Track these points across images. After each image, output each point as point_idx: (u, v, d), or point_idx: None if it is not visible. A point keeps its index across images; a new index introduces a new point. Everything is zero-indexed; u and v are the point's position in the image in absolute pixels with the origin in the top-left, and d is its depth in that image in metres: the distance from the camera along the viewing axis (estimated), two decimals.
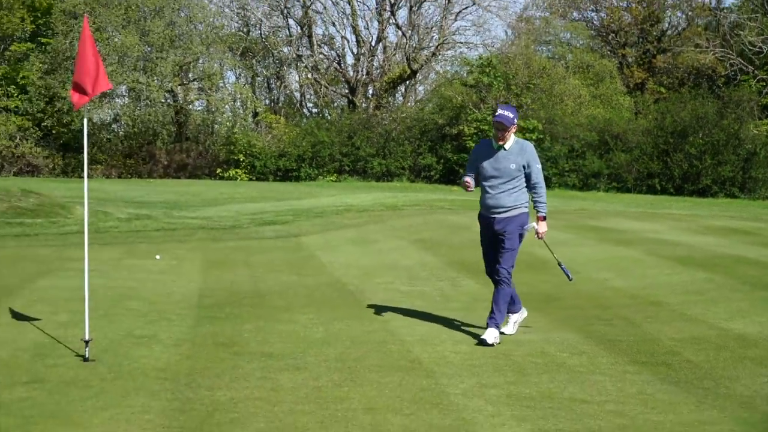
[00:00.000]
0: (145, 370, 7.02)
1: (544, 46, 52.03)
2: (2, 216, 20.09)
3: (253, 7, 52.68)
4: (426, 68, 52.31)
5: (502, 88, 40.68)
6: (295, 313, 9.52)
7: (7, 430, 5.55)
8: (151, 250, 14.68)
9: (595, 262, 13.54)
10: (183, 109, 49.00)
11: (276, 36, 52.72)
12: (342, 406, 6.06)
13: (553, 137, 40.18)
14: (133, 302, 10.01)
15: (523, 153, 8.24)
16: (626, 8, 54.13)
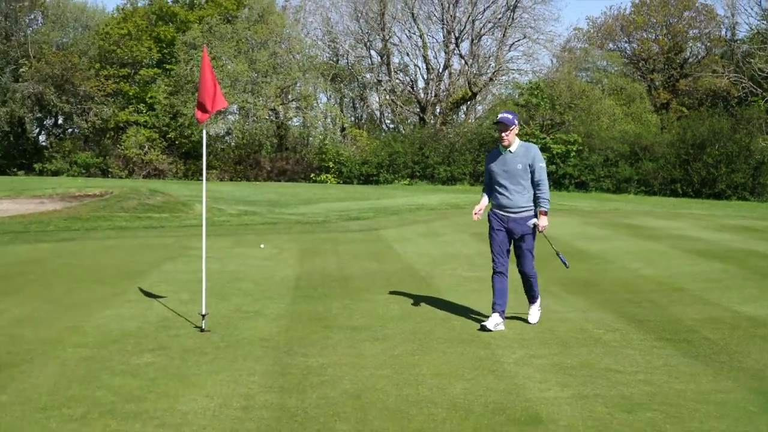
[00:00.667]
0: (251, 339, 7.10)
1: (584, 72, 51.46)
2: (134, 211, 20.44)
3: (342, 40, 52.98)
4: (484, 91, 52.13)
5: (548, 107, 40.41)
6: (375, 294, 9.53)
7: (137, 389, 5.63)
8: (256, 241, 14.81)
9: (628, 254, 13.31)
10: (283, 124, 49.44)
11: (360, 64, 52.90)
12: (414, 371, 6.07)
13: (590, 149, 39.85)
14: (242, 283, 10.10)
15: (528, 153, 7.68)
16: (654, 40, 53.39)
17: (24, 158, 46.70)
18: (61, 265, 11.36)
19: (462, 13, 50.88)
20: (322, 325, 7.72)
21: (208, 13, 47.17)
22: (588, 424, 4.91)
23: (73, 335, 7.19)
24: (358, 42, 53.00)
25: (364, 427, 4.84)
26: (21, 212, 20.05)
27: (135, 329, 7.47)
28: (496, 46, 51.72)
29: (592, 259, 12.75)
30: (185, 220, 19.42)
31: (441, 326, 7.73)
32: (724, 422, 4.93)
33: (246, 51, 45.37)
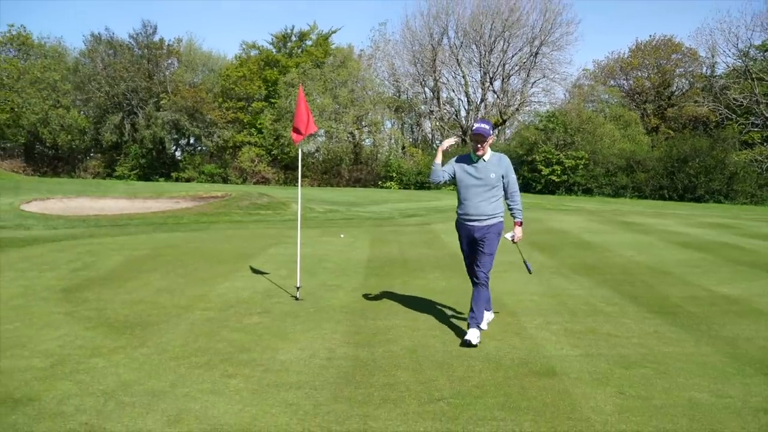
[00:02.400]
0: (333, 306, 7.11)
1: (590, 103, 50.49)
2: (246, 209, 20.71)
3: (403, 80, 53.06)
4: (512, 118, 51.65)
5: (561, 131, 39.85)
6: (427, 273, 9.49)
7: (247, 342, 5.69)
8: (337, 232, 14.88)
9: (623, 244, 13.00)
10: (358, 144, 49.60)
11: (416, 98, 52.98)
12: (456, 333, 6.06)
13: (595, 162, 39.31)
14: (326, 264, 10.15)
15: (501, 164, 6.05)
16: (647, 77, 52.13)
17: (164, 168, 47.74)
18: (191, 249, 11.57)
19: (495, 59, 50.76)
20: (387, 296, 7.71)
21: (303, 60, 47.65)
22: (593, 376, 4.82)
23: (200, 301, 7.31)
24: (415, 81, 53.12)
25: (419, 375, 4.83)
26: (161, 209, 20.50)
27: (246, 297, 7.57)
28: (521, 83, 51.45)
29: (595, 247, 12.49)
30: (284, 215, 19.63)
31: None
32: (705, 380, 4.79)
33: (331, 88, 45.67)
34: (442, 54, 51.69)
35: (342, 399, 4.32)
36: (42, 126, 47.14)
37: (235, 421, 3.93)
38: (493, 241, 5.96)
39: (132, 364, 4.99)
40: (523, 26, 49.74)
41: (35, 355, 5.18)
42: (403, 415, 4.06)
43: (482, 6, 50.43)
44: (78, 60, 51.00)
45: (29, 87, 46.74)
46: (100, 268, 9.38)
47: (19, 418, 3.92)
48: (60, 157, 49.73)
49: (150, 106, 47.27)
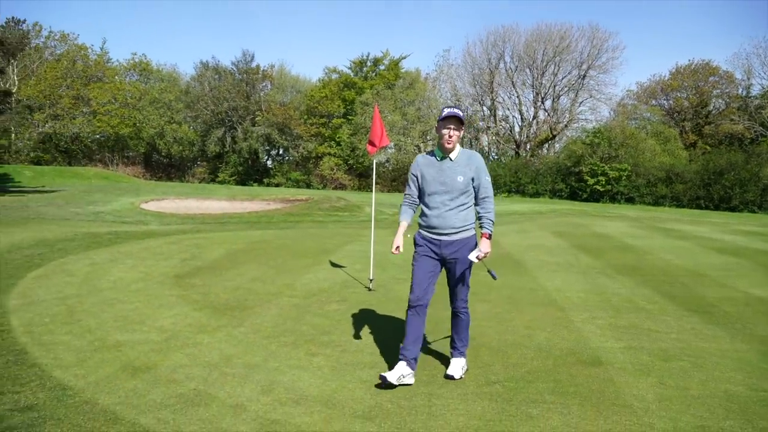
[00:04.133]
0: (401, 297, 7.05)
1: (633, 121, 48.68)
2: (327, 211, 20.95)
3: (463, 99, 52.62)
4: (561, 134, 50.47)
5: (606, 145, 38.65)
6: (483, 270, 9.34)
7: (327, 326, 5.75)
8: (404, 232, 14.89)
9: (662, 248, 12.51)
10: None
11: (475, 116, 52.43)
12: (510, 323, 5.94)
13: (637, 174, 37.93)
14: (395, 259, 10.14)
15: (471, 164, 4.34)
16: (686, 98, 50.06)
17: (257, 175, 48.79)
18: (280, 245, 11.77)
19: (547, 81, 49.83)
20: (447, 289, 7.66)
21: (376, 82, 47.90)
22: (636, 367, 4.66)
23: (288, 290, 7.43)
24: (474, 101, 52.68)
25: (476, 359, 4.77)
26: (255, 210, 20.96)
27: (327, 287, 7.65)
28: (570, 103, 50.25)
29: (637, 251, 12.06)
30: (359, 217, 19.77)
31: (528, 294, 7.51)
32: (741, 374, 4.55)
33: (400, 107, 45.72)
34: (498, 77, 51.16)
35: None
36: (158, 138, 49.10)
37: (318, 393, 3.98)
38: (466, 262, 4.37)
39: (232, 341, 5.12)
40: (573, 52, 48.72)
41: (152, 330, 5.38)
42: (463, 395, 4.02)
43: (535, 34, 49.74)
44: (189, 83, 52.79)
45: (149, 106, 48.78)
46: (205, 258, 9.66)
47: (139, 384, 4.07)
48: (173, 165, 51.56)
49: (247, 122, 48.46)
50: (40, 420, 3.41)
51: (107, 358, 4.54)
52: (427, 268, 4.40)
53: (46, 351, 4.64)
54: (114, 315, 5.85)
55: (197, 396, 3.88)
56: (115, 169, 46.36)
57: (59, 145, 46.65)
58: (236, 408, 3.69)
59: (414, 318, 4.32)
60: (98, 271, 8.16)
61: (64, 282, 7.33)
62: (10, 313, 5.74)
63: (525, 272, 9.22)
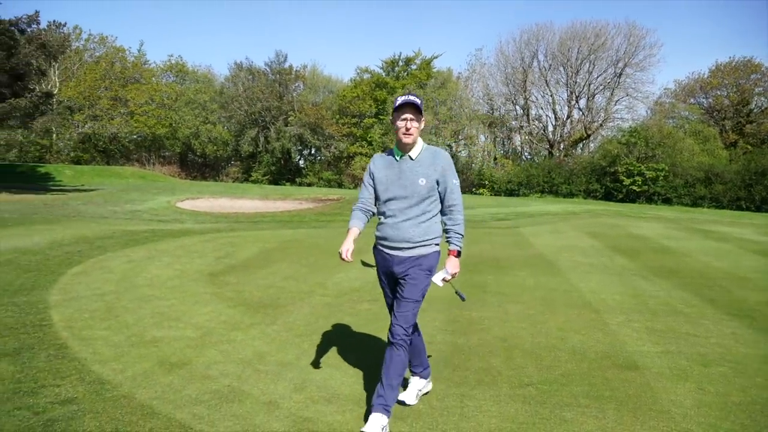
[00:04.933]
0: (433, 297, 6.90)
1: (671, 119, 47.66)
2: None
3: (496, 99, 52.27)
4: (595, 133, 49.64)
5: (643, 145, 37.89)
6: (517, 271, 9.27)
7: (357, 326, 5.76)
8: None
9: (701, 251, 12.20)
10: (455, 155, 49.25)
11: (508, 115, 52.03)
12: (544, 325, 5.86)
13: (675, 174, 37.09)
14: None
15: (436, 163, 3.58)
16: (726, 96, 48.79)
17: (290, 174, 49.16)
18: (312, 244, 11.84)
19: (581, 79, 49.05)
20: (480, 290, 7.61)
21: (408, 82, 47.85)
22: (673, 372, 4.55)
23: (319, 288, 7.47)
24: (507, 100, 52.23)
25: (510, 361, 4.73)
26: (288, 209, 21.13)
27: (358, 286, 7.67)
28: (605, 101, 49.33)
29: (674, 252, 11.80)
30: None
31: (562, 295, 7.41)
32: None
33: (432, 106, 45.61)
34: (532, 75, 50.63)
35: (441, 379, 4.30)
36: (194, 138, 49.86)
37: (350, 392, 3.99)
38: (420, 282, 3.53)
39: (265, 339, 5.17)
40: (608, 49, 47.82)
41: (188, 327, 5.47)
42: (496, 397, 3.99)
43: (570, 32, 49.03)
44: (223, 84, 53.49)
45: (184, 107, 49.60)
46: (238, 256, 9.78)
47: (175, 379, 4.14)
48: (207, 164, 52.31)
49: (280, 122, 48.90)
50: (79, 413, 3.50)
51: (144, 354, 4.63)
52: (391, 288, 3.73)
53: (85, 346, 4.76)
54: (151, 311, 5.97)
55: (231, 392, 3.93)
56: (151, 168, 47.27)
57: (98, 145, 47.78)
58: (269, 405, 3.73)
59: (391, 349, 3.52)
60: (135, 268, 8.33)
61: (103, 279, 7.50)
62: (51, 309, 5.90)
63: (558, 273, 9.10)
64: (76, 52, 48.21)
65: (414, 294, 3.53)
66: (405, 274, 3.55)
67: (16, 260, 8.42)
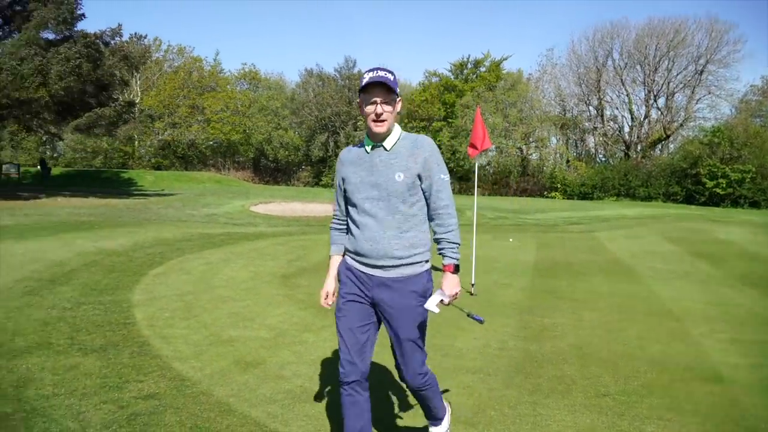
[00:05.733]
0: (504, 302, 6.99)
1: (758, 118, 45.05)
2: None
3: (568, 99, 51.14)
4: (675, 133, 47.56)
5: (727, 145, 36.00)
6: (591, 276, 9.01)
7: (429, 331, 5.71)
8: (506, 235, 14.63)
9: None
10: (526, 158, 48.47)
11: (581, 116, 50.77)
12: (621, 334, 5.67)
13: (763, 176, 35.10)
14: (497, 264, 10.00)
15: (417, 154, 2.72)
16: None
17: None
18: None
19: (660, 78, 47.16)
20: (553, 296, 7.44)
21: (477, 84, 47.52)
22: (763, 385, 4.29)
23: None
24: (580, 101, 50.96)
25: (585, 370, 4.59)
26: None
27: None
28: (686, 100, 47.24)
29: (763, 259, 11.14)
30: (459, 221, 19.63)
31: (641, 302, 7.13)
32: None
33: (501, 109, 45.07)
34: (606, 75, 49.15)
35: (513, 386, 4.23)
36: (266, 144, 51.27)
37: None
38: (414, 315, 2.78)
39: (335, 341, 5.22)
40: (689, 46, 45.78)
41: (262, 327, 5.62)
42: (571, 407, 3.88)
43: (647, 29, 47.25)
44: (294, 90, 54.80)
45: (257, 113, 51.12)
46: (310, 259, 9.95)
47: (250, 378, 4.26)
48: (279, 169, 53.62)
49: (349, 127, 49.57)
50: (161, 408, 3.65)
51: (221, 353, 4.79)
52: (356, 320, 2.79)
53: (166, 344, 4.97)
54: (227, 312, 6.17)
55: (304, 392, 4.01)
56: (226, 173, 48.93)
57: (177, 151, 49.91)
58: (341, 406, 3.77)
59: (350, 400, 2.81)
60: (212, 269, 8.63)
61: (182, 279, 7.82)
62: (134, 307, 6.20)
63: (636, 280, 8.78)
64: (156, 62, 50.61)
65: (411, 332, 2.78)
66: (389, 305, 2.74)
67: (102, 261, 8.89)
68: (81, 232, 11.95)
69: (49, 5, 21.98)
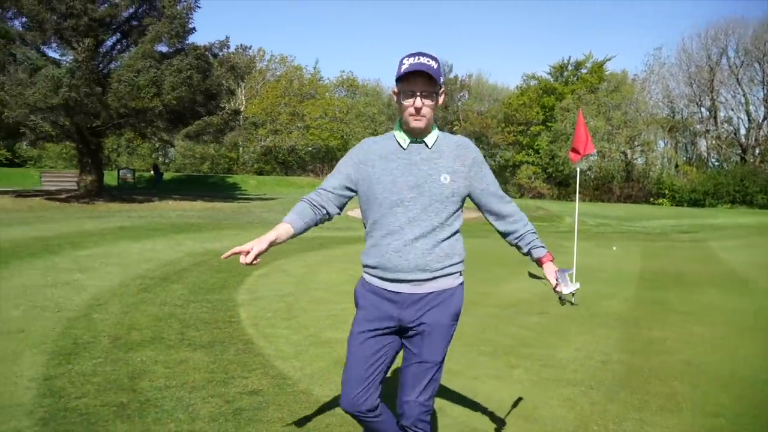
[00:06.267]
0: (607, 313, 6.72)
1: None
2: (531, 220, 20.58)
3: (677, 101, 48.64)
4: None
5: None
6: (703, 288, 8.48)
7: (527, 338, 5.60)
8: (609, 244, 14.07)
9: None
10: (630, 162, 46.45)
11: (692, 118, 48.04)
12: (736, 351, 5.28)
13: None
14: (600, 273, 9.64)
15: (464, 155, 2.38)
16: None
17: None
18: (476, 252, 11.79)
19: None
20: (661, 308, 7.06)
21: (578, 87, 46.18)
22: None
23: (485, 298, 7.41)
24: (690, 102, 48.32)
25: (695, 387, 4.32)
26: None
27: (526, 298, 7.50)
28: None
29: None
30: (558, 227, 19.11)
31: (759, 318, 6.62)
32: None
33: (604, 111, 43.49)
34: (720, 74, 46.24)
35: (618, 401, 4.05)
36: None
37: (518, 406, 3.91)
38: (445, 335, 2.38)
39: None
40: None
41: None
42: (680, 426, 3.66)
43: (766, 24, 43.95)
44: (391, 96, 55.39)
45: (355, 119, 52.16)
46: None
47: None
48: None
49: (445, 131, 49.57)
50: (264, 404, 3.80)
51: (320, 353, 4.92)
52: (370, 349, 2.35)
53: (268, 342, 5.17)
54: (325, 313, 6.33)
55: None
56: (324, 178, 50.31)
57: (278, 157, 51.84)
58: (438, 411, 3.77)
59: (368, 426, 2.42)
60: (311, 272, 8.89)
61: (283, 281, 8.11)
62: (239, 306, 6.50)
63: (754, 293, 8.17)
64: (260, 72, 52.85)
65: (436, 354, 2.36)
66: (421, 322, 2.33)
67: (209, 261, 9.39)
68: (190, 234, 12.69)
69: (163, 20, 23.51)
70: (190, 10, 24.34)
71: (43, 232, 12.60)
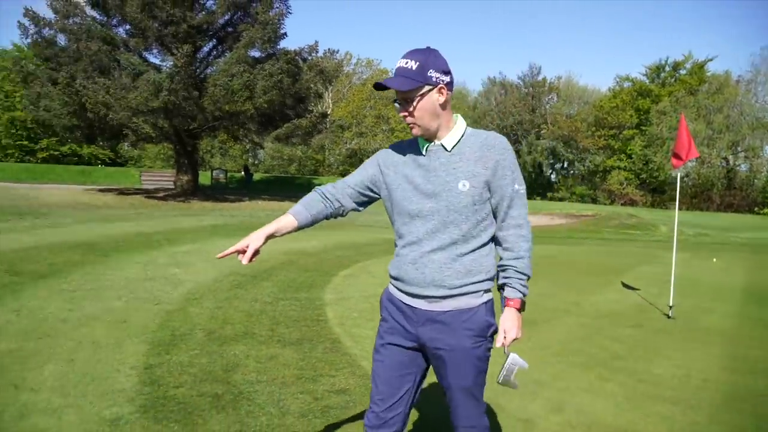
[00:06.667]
0: (707, 329, 6.35)
1: None
2: (615, 228, 19.80)
3: None
4: None
5: None
6: None
7: (620, 351, 5.39)
8: (709, 256, 13.29)
9: None
10: (732, 169, 43.77)
11: None
12: None
13: None
14: (699, 286, 9.12)
15: (487, 157, 2.07)
16: None
17: (540, 189, 48.45)
18: (564, 261, 11.50)
19: None
20: (767, 326, 6.59)
21: (676, 89, 44.06)
22: None
23: (575, 308, 7.20)
24: None
25: None
26: (538, 224, 20.80)
27: (618, 309, 7.22)
28: None
29: None
30: (652, 236, 18.27)
31: None
32: None
33: (704, 115, 41.21)
34: None
35: (720, 423, 3.81)
36: None
37: (612, 421, 3.76)
38: (468, 357, 2.15)
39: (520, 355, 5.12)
40: None
41: None
42: None
43: None
44: (476, 99, 55.07)
45: None
46: None
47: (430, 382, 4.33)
48: None
49: (532, 136, 48.62)
50: (351, 403, 3.86)
51: None
52: (394, 367, 2.21)
53: (354, 342, 5.24)
54: None
55: (488, 406, 3.98)
56: None
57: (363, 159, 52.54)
58: (526, 422, 3.69)
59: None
60: None
61: (368, 282, 8.20)
62: (326, 306, 6.63)
63: None
64: (346, 75, 53.83)
65: (464, 379, 2.16)
66: (438, 346, 2.13)
67: (298, 261, 9.64)
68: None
69: (256, 26, 24.39)
70: (282, 16, 25.13)
71: (143, 228, 13.37)
